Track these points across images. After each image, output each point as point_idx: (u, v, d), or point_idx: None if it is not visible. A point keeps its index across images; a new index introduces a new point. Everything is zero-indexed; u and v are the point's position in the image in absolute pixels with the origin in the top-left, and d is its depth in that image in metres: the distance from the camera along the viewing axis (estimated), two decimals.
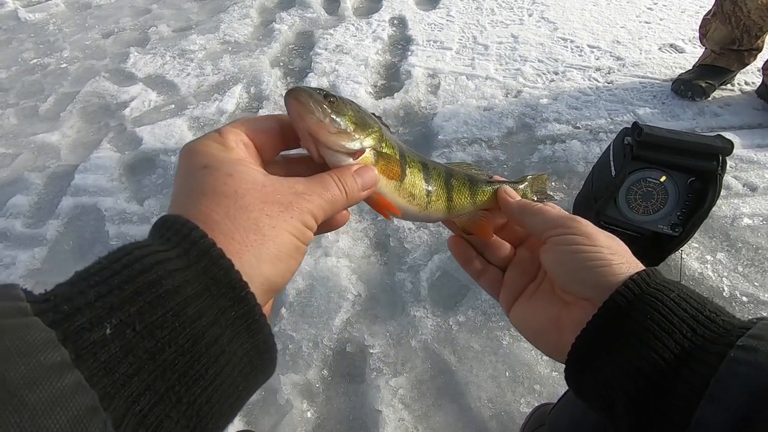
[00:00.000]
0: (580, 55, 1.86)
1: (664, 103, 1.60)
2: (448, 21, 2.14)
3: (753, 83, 1.65)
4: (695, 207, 0.97)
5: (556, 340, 0.35)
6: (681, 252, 1.12)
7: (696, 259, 1.13)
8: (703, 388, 0.26)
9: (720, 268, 1.11)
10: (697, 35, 1.65)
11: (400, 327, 1.04)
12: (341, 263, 1.17)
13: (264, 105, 1.76)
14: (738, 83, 1.67)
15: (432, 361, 0.98)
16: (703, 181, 0.96)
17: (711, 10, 1.57)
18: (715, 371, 0.26)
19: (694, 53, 1.79)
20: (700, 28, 1.62)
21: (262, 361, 0.26)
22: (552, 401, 0.82)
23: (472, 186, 0.41)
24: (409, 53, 1.93)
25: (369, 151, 0.35)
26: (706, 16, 1.59)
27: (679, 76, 1.65)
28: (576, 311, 0.34)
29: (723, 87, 1.64)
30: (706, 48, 1.62)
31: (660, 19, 2.07)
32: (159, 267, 0.22)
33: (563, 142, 1.48)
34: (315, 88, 0.34)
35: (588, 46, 1.91)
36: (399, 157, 0.37)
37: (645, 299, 0.30)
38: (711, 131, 1.47)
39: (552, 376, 0.94)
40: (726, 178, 1.24)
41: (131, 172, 1.55)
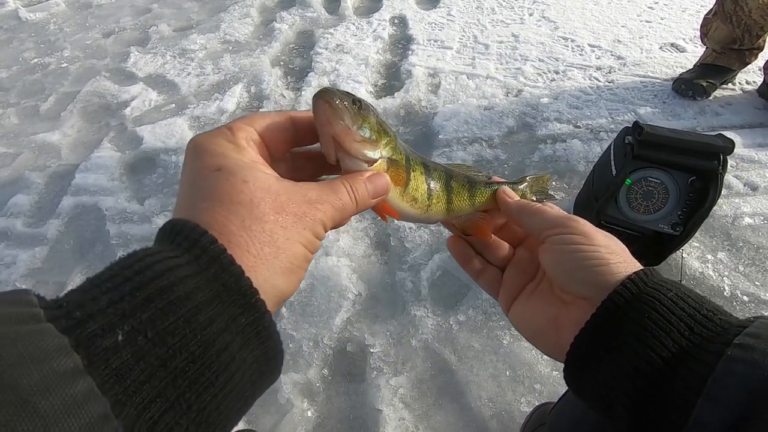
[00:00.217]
0: (580, 55, 1.86)
1: (665, 103, 1.60)
2: (448, 20, 2.14)
3: (754, 82, 1.65)
4: (696, 206, 0.97)
5: (555, 339, 0.35)
6: (682, 251, 1.12)
7: (697, 259, 1.13)
8: (701, 386, 0.26)
9: (721, 267, 1.11)
10: (698, 34, 1.65)
11: (400, 326, 1.04)
12: (342, 262, 1.17)
13: (264, 104, 1.76)
14: (739, 82, 1.67)
15: (432, 361, 0.98)
16: (704, 181, 0.96)
17: (712, 9, 1.57)
18: (713, 370, 0.26)
19: (695, 52, 1.78)
20: (701, 27, 1.62)
21: (269, 368, 0.26)
22: (552, 400, 0.82)
23: (471, 188, 0.41)
24: (410, 52, 1.93)
25: (382, 159, 0.35)
26: (707, 15, 1.59)
27: (680, 75, 1.65)
28: (574, 311, 0.34)
29: (724, 86, 1.64)
30: (707, 47, 1.62)
31: (661, 18, 2.06)
32: (170, 273, 0.22)
33: (564, 141, 1.48)
34: (344, 92, 0.32)
35: (589, 45, 1.90)
36: (405, 163, 0.37)
37: (643, 299, 0.30)
38: (712, 130, 1.47)
39: (552, 375, 0.94)
40: (727, 177, 1.24)
41: (132, 171, 1.55)
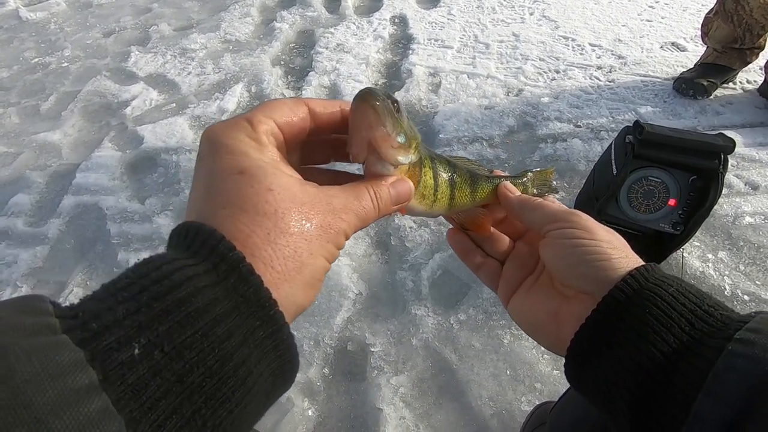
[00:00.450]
0: (581, 54, 1.86)
1: (665, 102, 1.60)
2: (449, 19, 2.14)
3: (755, 82, 1.65)
4: (697, 205, 0.97)
5: (555, 333, 0.35)
6: (682, 251, 1.12)
7: (697, 258, 1.13)
8: (702, 381, 0.26)
9: (721, 266, 1.11)
10: (699, 34, 1.65)
11: (401, 325, 1.04)
12: (342, 262, 1.17)
13: None
14: (740, 82, 1.66)
15: (433, 360, 0.98)
16: (705, 180, 0.96)
17: (713, 8, 1.56)
18: (713, 365, 0.26)
19: (695, 52, 1.78)
20: (702, 26, 1.61)
21: (284, 380, 0.26)
22: (553, 400, 0.82)
23: (473, 183, 0.41)
24: (410, 52, 1.93)
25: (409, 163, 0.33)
26: (708, 14, 1.59)
27: (681, 74, 1.65)
28: (575, 305, 0.34)
29: (725, 85, 1.63)
30: (707, 46, 1.62)
31: (662, 18, 2.06)
32: (188, 284, 0.22)
33: (564, 140, 1.48)
34: (386, 94, 0.30)
35: (589, 44, 1.90)
36: (420, 162, 0.35)
37: (644, 294, 0.30)
38: (713, 130, 1.47)
39: (553, 374, 0.94)
40: (727, 176, 1.24)
41: (132, 171, 1.55)
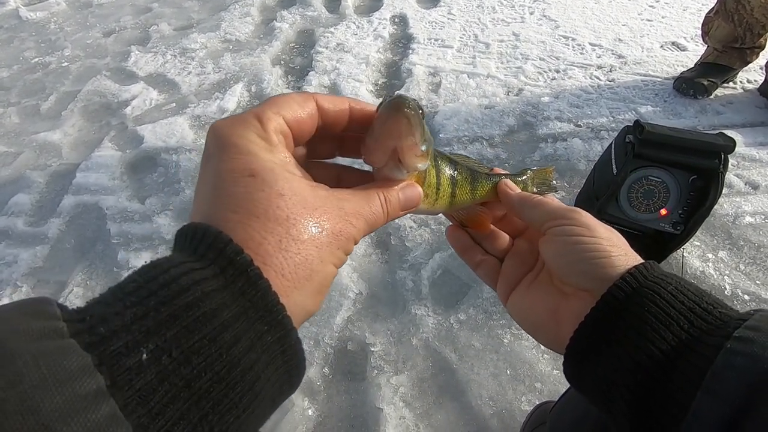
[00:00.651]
0: (581, 53, 1.85)
1: (665, 101, 1.60)
2: (449, 19, 2.14)
3: (755, 81, 1.65)
4: (697, 205, 0.97)
5: (555, 331, 0.35)
6: (682, 250, 1.12)
7: (697, 258, 1.13)
8: (701, 380, 0.26)
9: (722, 266, 1.11)
10: (699, 33, 1.65)
11: (401, 325, 1.04)
12: None
13: None
14: (740, 81, 1.66)
15: (433, 360, 0.98)
16: (705, 179, 0.96)
17: (713, 7, 1.56)
18: (712, 363, 0.26)
19: (696, 51, 1.78)
20: (702, 25, 1.61)
21: (291, 384, 0.25)
22: (553, 399, 0.82)
23: (473, 180, 0.41)
24: (410, 51, 1.93)
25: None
26: (708, 14, 1.59)
27: (681, 74, 1.65)
28: (575, 303, 0.34)
29: (725, 85, 1.63)
30: (708, 46, 1.61)
31: (662, 17, 2.06)
32: (196, 288, 0.21)
33: (564, 140, 1.47)
34: (416, 102, 0.29)
35: (589, 44, 1.90)
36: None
37: (643, 292, 0.30)
38: (713, 129, 1.46)
39: (553, 374, 0.94)
40: (728, 176, 1.24)
41: (132, 170, 1.55)
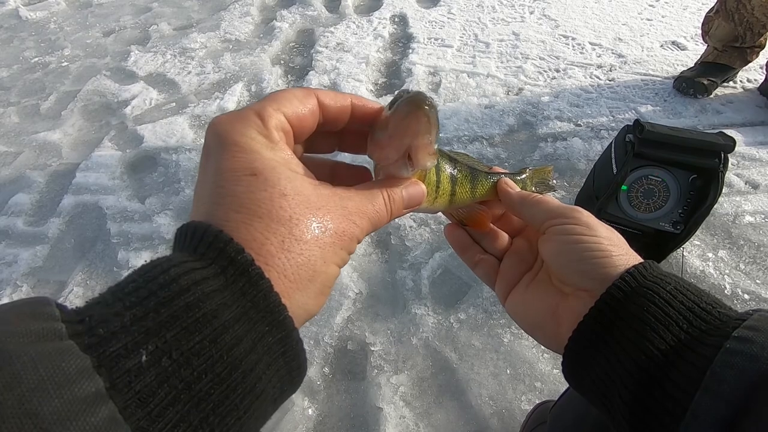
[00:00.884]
0: (581, 53, 1.85)
1: (665, 101, 1.60)
2: (449, 19, 2.14)
3: (755, 80, 1.65)
4: (697, 204, 0.97)
5: (554, 331, 0.35)
6: (682, 250, 1.12)
7: (697, 257, 1.13)
8: (700, 379, 0.26)
9: (722, 265, 1.11)
10: (700, 32, 1.64)
11: (401, 325, 1.04)
12: None
13: None
14: (740, 80, 1.66)
15: (433, 359, 0.98)
16: (705, 179, 0.96)
17: (714, 7, 1.56)
18: (711, 363, 0.26)
19: (696, 50, 1.78)
20: (702, 25, 1.61)
21: (292, 385, 0.25)
22: (553, 399, 0.82)
23: (473, 179, 0.41)
24: (410, 51, 1.93)
25: None
26: (708, 13, 1.58)
27: (681, 73, 1.65)
28: (574, 302, 0.34)
29: (725, 84, 1.63)
30: (708, 45, 1.61)
31: (662, 16, 2.06)
32: (196, 288, 0.21)
33: (564, 139, 1.47)
34: (432, 99, 0.29)
35: (589, 43, 1.90)
36: None
37: (641, 292, 0.30)
38: (713, 128, 1.46)
39: (553, 373, 0.94)
40: (728, 175, 1.24)
41: (132, 170, 1.55)
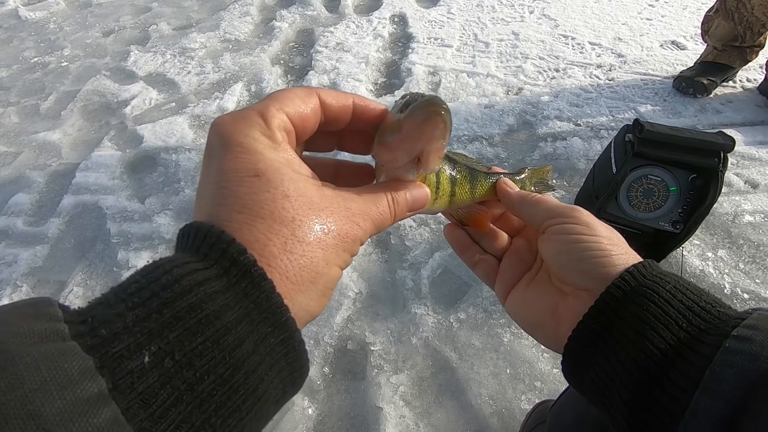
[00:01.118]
0: (581, 52, 1.85)
1: (665, 100, 1.60)
2: (448, 18, 2.14)
3: (755, 80, 1.65)
4: (696, 204, 0.97)
5: (554, 330, 0.35)
6: (682, 249, 1.12)
7: (697, 257, 1.13)
8: (699, 378, 0.26)
9: (721, 265, 1.11)
10: (699, 32, 1.64)
11: (401, 324, 1.04)
12: None
13: None
14: (740, 80, 1.66)
15: (433, 359, 0.98)
16: (705, 178, 0.96)
17: (713, 6, 1.56)
18: (710, 362, 0.26)
19: (695, 50, 1.78)
20: (702, 24, 1.61)
21: (294, 386, 0.25)
22: (553, 398, 0.82)
23: (472, 179, 0.41)
24: (410, 51, 1.93)
25: None
26: (708, 12, 1.58)
27: (681, 73, 1.65)
28: (573, 301, 0.34)
29: (725, 84, 1.63)
30: (707, 45, 1.61)
31: (662, 16, 2.06)
32: (199, 289, 0.21)
33: (564, 139, 1.47)
34: (445, 103, 0.28)
35: (589, 43, 1.90)
36: None
37: (641, 291, 0.30)
38: (712, 128, 1.46)
39: (553, 373, 0.94)
40: (727, 175, 1.24)
41: (132, 170, 1.55)
